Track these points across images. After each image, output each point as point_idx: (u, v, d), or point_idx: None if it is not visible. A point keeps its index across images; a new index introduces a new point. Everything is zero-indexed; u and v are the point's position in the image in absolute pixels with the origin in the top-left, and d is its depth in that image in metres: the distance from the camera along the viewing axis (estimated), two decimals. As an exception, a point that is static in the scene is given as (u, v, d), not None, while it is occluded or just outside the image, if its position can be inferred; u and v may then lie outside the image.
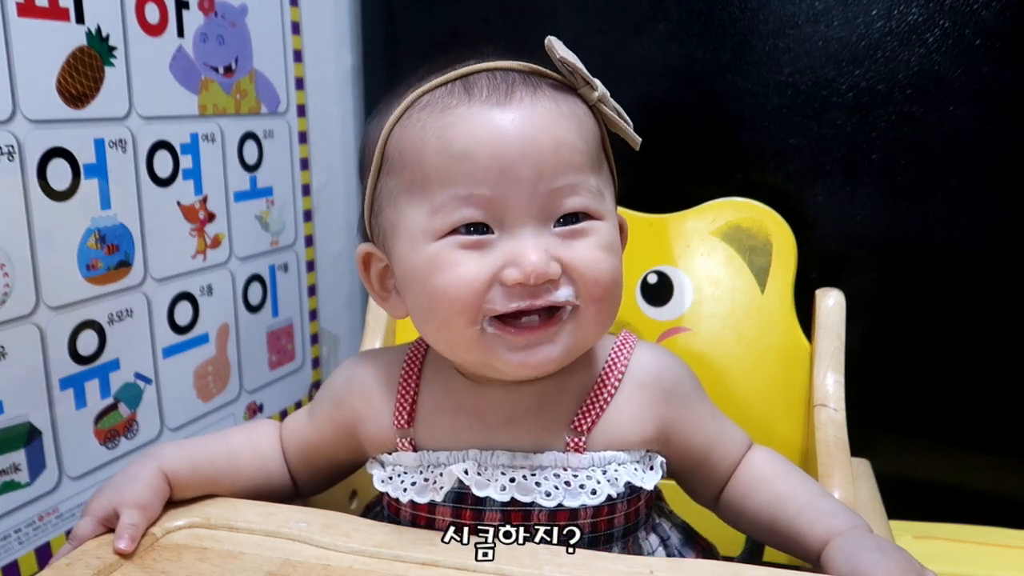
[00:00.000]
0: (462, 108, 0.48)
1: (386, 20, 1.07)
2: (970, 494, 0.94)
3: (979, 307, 0.91)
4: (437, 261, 0.48)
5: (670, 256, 0.81)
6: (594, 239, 0.49)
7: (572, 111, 0.49)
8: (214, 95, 0.89)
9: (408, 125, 0.50)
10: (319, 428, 0.58)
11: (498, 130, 0.47)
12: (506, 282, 0.47)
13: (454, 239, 0.48)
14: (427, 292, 0.48)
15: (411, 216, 0.49)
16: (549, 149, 0.47)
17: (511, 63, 0.51)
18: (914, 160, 0.90)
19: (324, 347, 1.13)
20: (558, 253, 0.47)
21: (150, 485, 0.53)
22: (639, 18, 0.95)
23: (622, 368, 0.55)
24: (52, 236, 0.72)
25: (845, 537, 0.49)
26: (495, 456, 0.52)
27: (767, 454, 0.58)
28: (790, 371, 0.75)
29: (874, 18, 0.88)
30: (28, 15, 0.68)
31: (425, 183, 0.48)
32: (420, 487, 0.52)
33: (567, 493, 0.51)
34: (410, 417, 0.54)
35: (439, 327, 0.50)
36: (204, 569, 0.48)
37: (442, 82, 0.50)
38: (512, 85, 0.49)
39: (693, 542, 0.60)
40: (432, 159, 0.48)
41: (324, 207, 1.10)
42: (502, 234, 0.48)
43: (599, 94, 0.50)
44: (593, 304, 0.49)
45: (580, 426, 0.52)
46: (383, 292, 0.55)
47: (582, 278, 0.48)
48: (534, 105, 0.48)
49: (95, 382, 0.77)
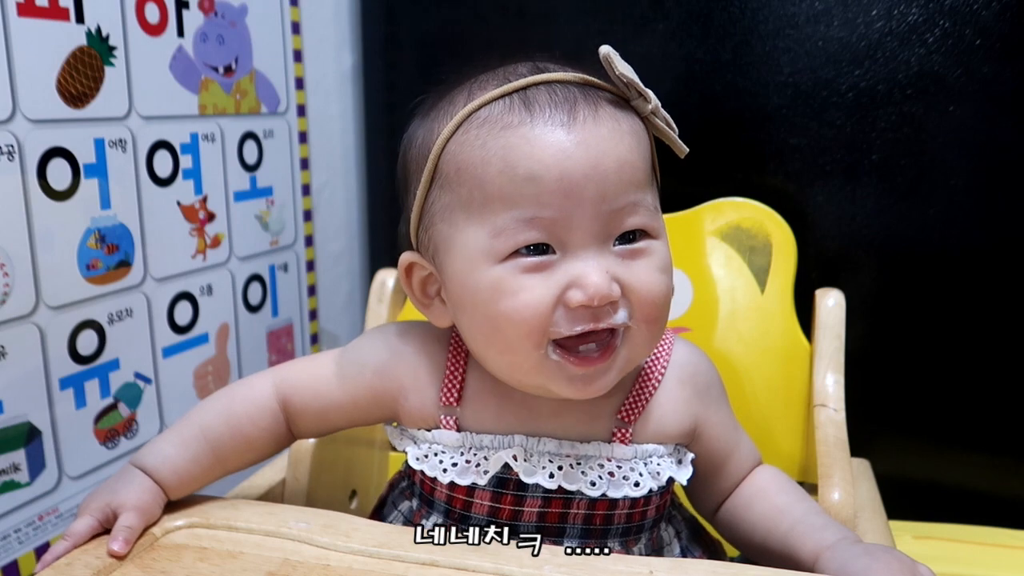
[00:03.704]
0: (525, 128, 0.48)
1: (386, 20, 1.07)
2: (970, 494, 0.94)
3: (979, 307, 0.91)
4: (502, 286, 0.48)
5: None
6: (652, 260, 0.50)
7: (631, 128, 0.50)
8: (214, 95, 0.89)
9: (466, 141, 0.49)
10: (351, 393, 0.57)
11: (563, 154, 0.47)
12: (570, 304, 0.47)
13: (516, 262, 0.48)
14: (491, 316, 0.49)
15: (470, 235, 0.49)
16: (612, 170, 0.48)
17: (568, 75, 0.50)
18: (914, 160, 0.90)
19: (324, 347, 1.13)
20: (617, 274, 0.48)
21: (149, 489, 0.53)
22: (639, 18, 0.95)
23: (664, 363, 0.56)
24: (52, 236, 0.72)
25: (834, 549, 0.49)
26: (541, 443, 0.53)
27: (772, 471, 0.59)
28: (790, 371, 0.75)
29: (874, 18, 0.88)
30: (28, 15, 0.68)
31: (486, 203, 0.48)
32: (462, 468, 0.53)
33: (611, 484, 0.52)
34: (458, 396, 0.54)
35: (503, 350, 0.50)
36: (204, 569, 0.48)
37: (499, 95, 0.49)
38: (574, 104, 0.48)
39: (700, 537, 0.61)
40: (495, 180, 0.48)
41: (324, 207, 1.10)
42: (564, 255, 0.48)
43: (652, 106, 0.50)
44: (645, 325, 0.49)
45: (627, 417, 0.54)
46: (424, 299, 0.55)
47: (639, 300, 0.49)
48: (597, 125, 0.48)
49: (95, 382, 0.77)
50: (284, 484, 0.66)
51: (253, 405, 0.57)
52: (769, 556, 0.54)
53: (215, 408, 0.57)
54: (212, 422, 0.56)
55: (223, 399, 0.58)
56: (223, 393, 0.58)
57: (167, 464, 0.54)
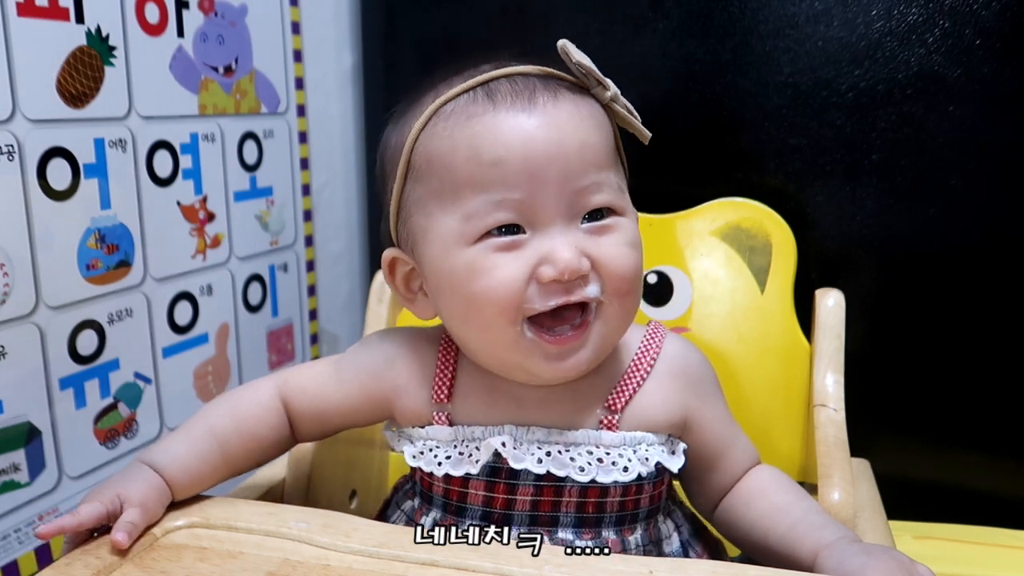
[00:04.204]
0: (488, 116, 0.50)
1: (386, 20, 1.07)
2: (970, 494, 0.94)
3: (979, 307, 0.91)
4: (475, 266, 0.50)
5: (670, 256, 0.81)
6: (620, 235, 0.51)
7: (591, 112, 0.52)
8: (214, 95, 0.89)
9: (434, 134, 0.51)
10: (347, 394, 0.59)
11: (526, 136, 0.49)
12: (542, 279, 0.49)
13: (488, 242, 0.50)
14: (467, 296, 0.50)
15: (443, 222, 0.51)
16: (574, 150, 0.50)
17: (527, 67, 0.52)
18: (914, 160, 0.90)
19: (324, 347, 1.13)
20: (586, 248, 0.50)
21: (156, 487, 0.53)
22: (639, 18, 0.95)
23: (654, 355, 0.57)
24: (52, 236, 0.72)
25: (832, 548, 0.50)
26: (530, 432, 0.54)
27: (771, 470, 0.60)
28: (790, 371, 0.75)
29: (874, 18, 0.88)
30: (28, 15, 0.68)
31: (456, 190, 0.50)
32: (455, 460, 0.54)
33: (600, 469, 0.53)
34: (449, 392, 0.56)
35: (480, 329, 0.52)
36: (204, 569, 0.48)
37: (464, 89, 0.51)
38: (533, 91, 0.51)
39: (701, 535, 0.61)
40: (463, 167, 0.50)
41: (324, 207, 1.10)
42: (534, 233, 0.50)
43: (611, 93, 0.52)
44: (617, 299, 0.51)
45: (614, 405, 0.55)
46: (408, 294, 0.57)
47: (608, 274, 0.50)
48: (557, 109, 0.50)
49: (95, 382, 0.78)
50: (284, 484, 0.66)
51: (259, 405, 0.58)
52: (768, 555, 0.55)
53: (222, 409, 0.58)
54: (220, 421, 0.57)
55: (230, 400, 0.59)
56: (229, 395, 0.60)
57: (177, 462, 0.54)
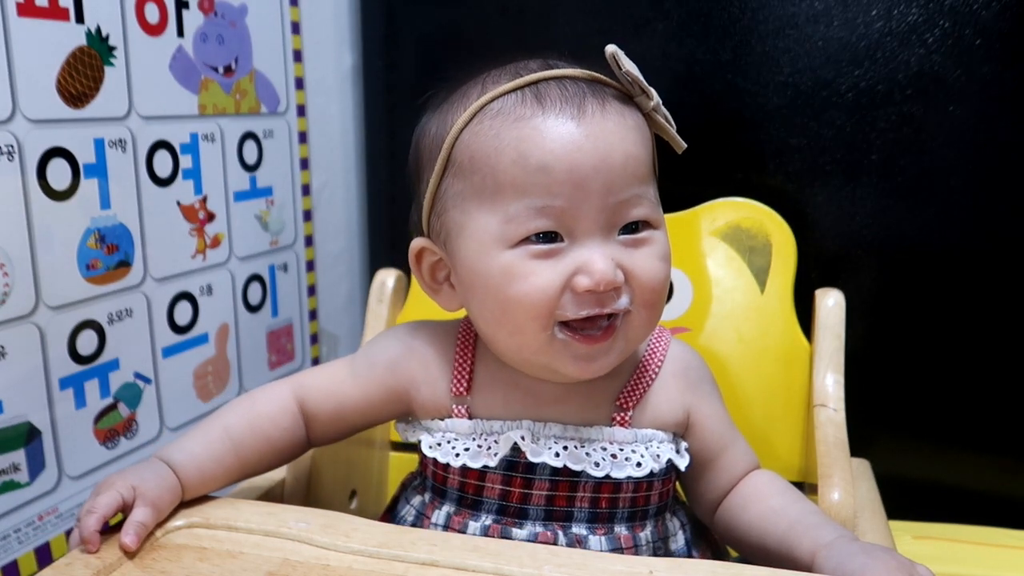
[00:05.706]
0: (536, 120, 0.50)
1: (386, 20, 1.07)
2: (970, 494, 0.94)
3: (979, 307, 0.91)
4: (512, 271, 0.50)
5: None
6: (654, 248, 0.53)
7: (635, 123, 0.52)
8: (214, 95, 0.89)
9: (480, 131, 0.51)
10: (364, 390, 0.59)
11: (573, 145, 0.49)
12: (577, 289, 0.50)
13: (526, 248, 0.50)
14: (501, 300, 0.51)
15: (482, 221, 0.52)
16: (619, 164, 0.50)
17: (575, 71, 0.53)
18: (914, 160, 0.90)
19: (324, 347, 1.13)
20: (621, 261, 0.51)
21: (170, 487, 0.53)
22: (639, 18, 0.95)
23: (662, 356, 0.59)
24: (52, 236, 0.72)
25: (831, 547, 0.50)
26: (547, 427, 0.56)
27: (768, 474, 0.61)
28: (790, 371, 0.75)
29: (874, 18, 0.88)
30: (28, 15, 0.68)
31: (498, 191, 0.51)
32: (473, 452, 0.55)
33: (614, 465, 0.55)
34: (468, 385, 0.57)
35: (512, 332, 0.52)
36: (204, 569, 0.48)
37: (512, 88, 0.52)
38: (583, 98, 0.51)
39: (703, 536, 0.62)
40: (508, 169, 0.50)
41: (324, 207, 1.10)
42: (571, 242, 0.51)
43: (654, 103, 0.53)
44: (644, 309, 0.52)
45: (626, 403, 0.57)
46: (434, 284, 0.58)
47: (640, 286, 0.52)
48: (604, 119, 0.51)
49: (95, 382, 0.77)
50: (284, 484, 0.66)
51: (274, 406, 0.59)
52: (767, 556, 0.55)
53: (238, 410, 0.59)
54: (235, 422, 0.58)
55: (245, 402, 0.60)
56: (244, 397, 0.60)
57: (193, 461, 0.54)
